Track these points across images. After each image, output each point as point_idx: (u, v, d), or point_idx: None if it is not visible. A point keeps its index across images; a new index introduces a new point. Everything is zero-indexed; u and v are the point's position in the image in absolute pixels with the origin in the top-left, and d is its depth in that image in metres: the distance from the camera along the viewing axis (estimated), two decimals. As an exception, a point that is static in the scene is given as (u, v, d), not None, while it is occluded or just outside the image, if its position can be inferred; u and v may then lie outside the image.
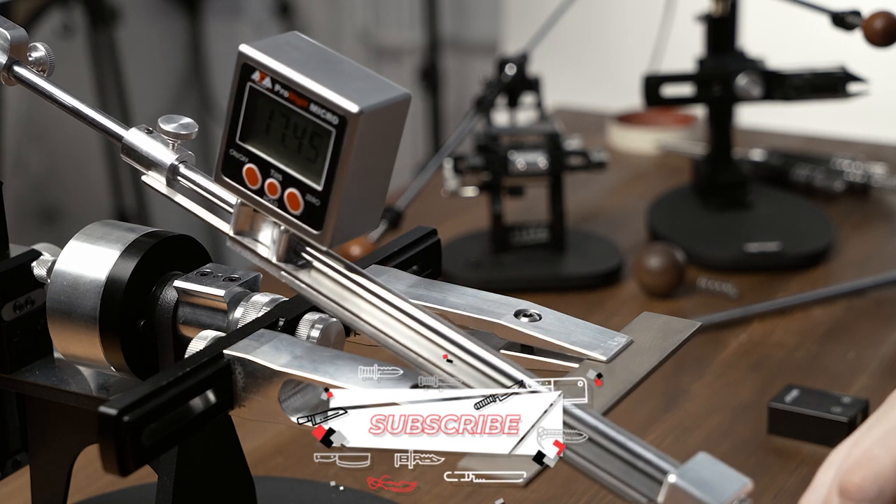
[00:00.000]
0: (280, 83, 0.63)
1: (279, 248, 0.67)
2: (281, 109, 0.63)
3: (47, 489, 0.79)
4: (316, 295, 0.66)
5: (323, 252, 0.67)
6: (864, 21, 1.22)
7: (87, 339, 0.71)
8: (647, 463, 0.59)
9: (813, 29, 1.51)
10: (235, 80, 0.64)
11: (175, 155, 0.70)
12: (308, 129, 0.63)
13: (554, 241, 1.34)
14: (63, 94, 0.73)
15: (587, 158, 1.32)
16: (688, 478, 0.58)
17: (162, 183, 0.70)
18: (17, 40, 0.73)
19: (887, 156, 1.61)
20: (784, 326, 1.19)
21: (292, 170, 0.64)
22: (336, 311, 0.66)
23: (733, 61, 1.38)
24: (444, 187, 1.31)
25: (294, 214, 0.64)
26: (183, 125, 0.70)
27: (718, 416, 1.04)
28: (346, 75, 0.63)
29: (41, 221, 2.97)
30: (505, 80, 1.38)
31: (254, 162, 0.65)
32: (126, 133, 0.71)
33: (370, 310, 0.66)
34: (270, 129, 0.64)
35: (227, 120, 0.65)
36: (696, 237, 1.36)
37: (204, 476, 0.75)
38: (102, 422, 0.59)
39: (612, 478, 0.59)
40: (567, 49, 2.33)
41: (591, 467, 0.60)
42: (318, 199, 0.63)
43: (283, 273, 0.67)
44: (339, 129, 0.62)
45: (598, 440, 0.60)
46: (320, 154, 0.63)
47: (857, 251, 1.36)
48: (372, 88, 0.63)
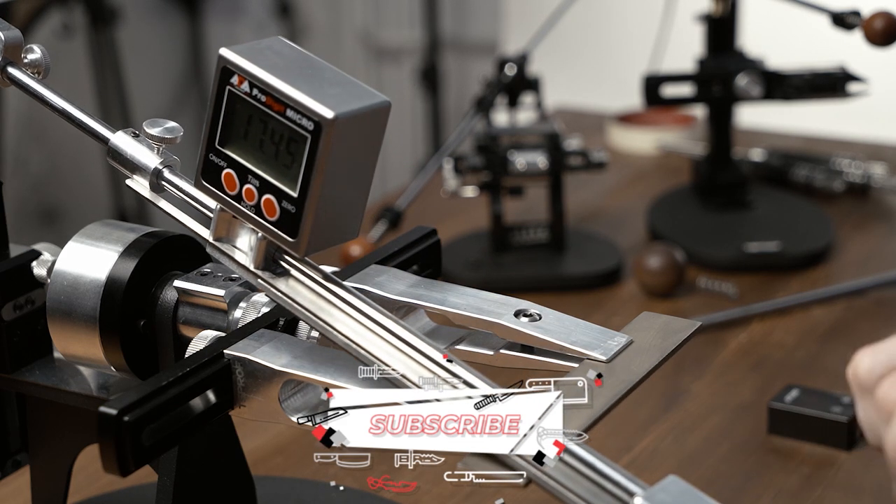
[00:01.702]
0: (258, 87, 0.62)
1: (256, 255, 0.66)
2: (259, 114, 0.63)
3: (47, 489, 0.79)
4: (291, 304, 0.66)
5: (300, 260, 0.66)
6: (863, 21, 1.22)
7: (87, 339, 0.71)
8: (616, 485, 0.58)
9: (813, 29, 1.51)
10: (215, 84, 0.64)
11: (159, 159, 0.70)
12: (285, 135, 0.62)
13: (554, 241, 1.34)
14: (53, 95, 0.73)
15: (587, 158, 1.32)
16: (654, 501, 0.57)
17: (146, 187, 0.70)
18: (12, 41, 0.73)
19: (887, 156, 1.61)
20: (784, 326, 1.19)
21: (269, 176, 0.63)
22: (310, 320, 0.65)
23: (733, 61, 1.38)
24: (444, 187, 1.31)
25: (270, 221, 0.64)
26: (167, 129, 0.69)
27: (718, 416, 1.04)
28: (325, 81, 0.62)
29: (41, 221, 2.97)
30: (505, 80, 1.38)
31: (232, 167, 0.64)
32: (112, 136, 0.71)
33: (345, 319, 0.65)
34: (249, 134, 0.64)
35: (207, 124, 0.64)
36: (696, 237, 1.36)
37: (204, 476, 0.75)
38: (102, 422, 0.59)
39: (580, 500, 0.59)
40: (567, 49, 2.33)
41: (559, 488, 0.59)
42: (294, 205, 0.63)
43: (259, 281, 0.66)
44: (314, 134, 0.61)
45: (568, 460, 0.59)
46: (296, 160, 0.62)
47: (857, 251, 1.36)
48: (350, 95, 0.62)
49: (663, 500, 0.57)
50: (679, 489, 0.58)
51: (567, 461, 0.59)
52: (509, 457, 0.60)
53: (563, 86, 2.14)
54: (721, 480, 0.95)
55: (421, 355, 0.63)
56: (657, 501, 0.57)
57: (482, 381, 0.62)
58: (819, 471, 0.96)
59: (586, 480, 0.59)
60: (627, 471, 0.57)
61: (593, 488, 0.59)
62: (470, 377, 0.62)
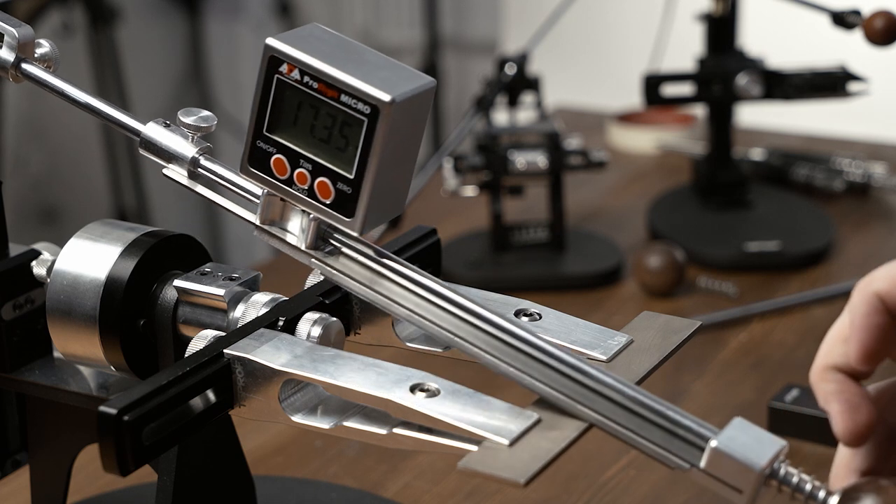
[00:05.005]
0: (309, 75, 0.64)
1: (308, 235, 0.67)
2: (310, 100, 0.64)
3: (47, 489, 0.78)
4: (347, 280, 0.67)
5: (352, 238, 0.67)
6: (864, 20, 1.22)
7: (87, 338, 0.71)
8: (687, 430, 0.60)
9: (813, 28, 1.51)
10: (262, 73, 0.65)
11: (196, 147, 0.70)
12: (338, 119, 0.64)
13: (554, 240, 1.34)
14: (75, 90, 0.73)
15: (587, 158, 1.32)
16: (728, 443, 0.60)
17: (183, 175, 0.70)
18: (25, 38, 0.73)
19: (887, 155, 1.61)
20: (784, 326, 1.19)
21: (322, 159, 0.65)
22: (368, 294, 0.67)
23: (733, 61, 1.38)
24: (444, 187, 1.31)
25: (325, 203, 0.65)
26: (202, 118, 0.70)
27: (718, 416, 1.04)
28: (372, 65, 0.64)
29: (41, 221, 2.97)
30: (505, 80, 1.38)
31: (282, 152, 0.66)
32: (144, 128, 0.71)
33: (402, 293, 0.66)
34: (298, 120, 0.65)
35: (254, 112, 0.65)
36: (696, 237, 1.36)
37: (204, 476, 0.75)
38: (102, 421, 0.59)
39: (654, 445, 0.61)
40: (567, 49, 2.33)
41: (632, 436, 0.61)
42: (350, 186, 0.64)
43: (313, 260, 0.68)
44: (370, 118, 0.63)
45: (639, 410, 0.61)
46: (351, 143, 0.64)
47: (857, 251, 1.36)
48: (399, 78, 0.64)
49: (737, 438, 0.60)
50: (745, 427, 0.61)
51: (637, 410, 0.61)
52: (576, 406, 0.61)
53: (563, 85, 2.14)
54: (721, 480, 0.95)
55: (485, 322, 0.64)
56: (731, 443, 0.60)
57: (548, 344, 0.63)
58: (819, 471, 0.96)
59: (657, 429, 0.61)
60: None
61: (665, 435, 0.61)
62: (537, 340, 0.63)
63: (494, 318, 0.64)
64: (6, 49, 0.73)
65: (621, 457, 0.97)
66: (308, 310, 0.69)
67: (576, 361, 0.62)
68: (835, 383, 0.64)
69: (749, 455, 0.60)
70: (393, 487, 0.95)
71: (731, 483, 0.59)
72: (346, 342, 0.70)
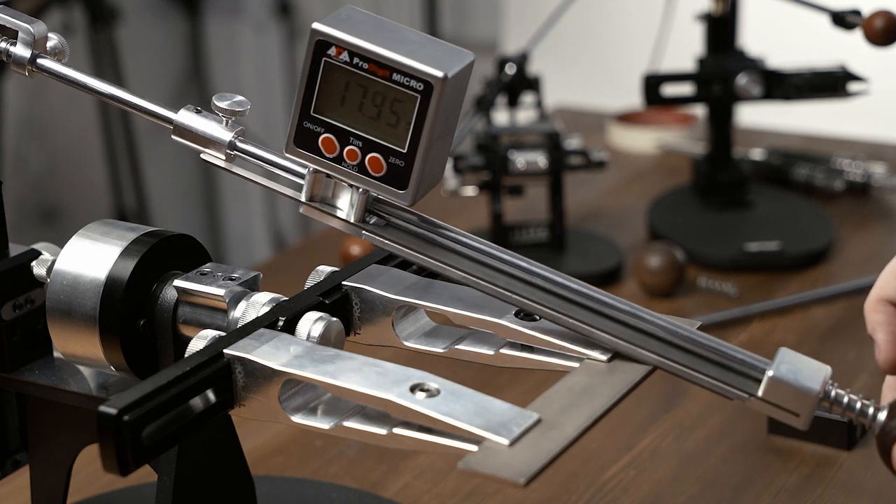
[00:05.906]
0: (359, 56, 0.66)
1: (357, 209, 0.70)
2: (358, 80, 0.66)
3: (47, 489, 0.78)
4: (401, 248, 0.70)
5: (400, 209, 0.70)
6: (864, 20, 1.22)
7: (87, 338, 0.71)
8: (742, 363, 0.66)
9: (813, 28, 1.51)
10: (308, 57, 0.67)
11: (231, 131, 0.71)
12: (388, 97, 0.66)
13: (554, 240, 1.33)
14: (97, 81, 0.73)
15: (587, 158, 1.32)
16: (783, 371, 0.65)
17: (221, 159, 0.72)
18: (40, 34, 0.73)
19: (887, 155, 1.61)
20: (784, 326, 1.19)
21: (373, 136, 0.67)
22: (424, 261, 0.70)
23: (733, 61, 1.38)
24: (444, 187, 1.31)
25: (376, 177, 0.67)
26: (236, 102, 0.71)
27: (718, 416, 1.04)
28: (415, 43, 0.67)
29: (41, 221, 2.97)
30: (505, 80, 1.38)
31: (331, 131, 0.68)
32: (177, 115, 0.72)
33: (456, 257, 0.69)
34: (346, 100, 0.67)
35: (300, 94, 0.67)
36: (696, 237, 1.36)
37: (204, 476, 0.75)
38: (102, 421, 0.59)
39: (712, 379, 0.66)
40: (567, 49, 2.33)
41: (689, 371, 0.66)
42: (403, 160, 0.67)
43: (364, 232, 0.70)
44: (423, 94, 0.65)
45: (694, 349, 0.66)
46: (403, 118, 0.66)
47: (857, 251, 1.36)
48: (443, 54, 0.66)
49: (790, 367, 0.65)
50: (794, 357, 0.66)
51: (691, 349, 0.66)
52: (638, 351, 0.67)
53: (563, 85, 2.14)
54: (721, 480, 0.95)
55: (542, 280, 0.68)
56: (785, 372, 0.65)
57: (605, 296, 0.68)
58: (819, 470, 0.96)
59: (712, 364, 0.66)
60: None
61: (721, 370, 0.66)
62: (596, 294, 0.68)
63: (552, 276, 0.68)
64: (22, 46, 0.73)
65: (621, 457, 0.97)
66: (308, 310, 0.69)
67: (632, 309, 0.67)
68: (885, 315, 0.70)
69: (803, 381, 0.65)
70: (393, 487, 0.95)
71: (789, 408, 0.65)
72: (346, 342, 0.70)
